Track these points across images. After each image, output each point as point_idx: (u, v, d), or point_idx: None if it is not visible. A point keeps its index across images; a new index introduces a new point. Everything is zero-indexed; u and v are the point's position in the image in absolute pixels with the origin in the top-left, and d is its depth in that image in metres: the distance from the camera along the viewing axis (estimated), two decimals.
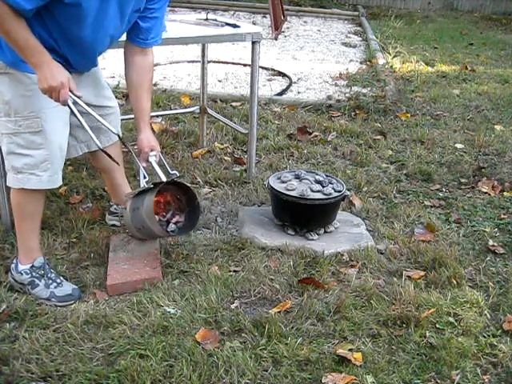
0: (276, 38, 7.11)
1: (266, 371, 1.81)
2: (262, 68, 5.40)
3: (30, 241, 2.13)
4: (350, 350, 1.90)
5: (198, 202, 2.37)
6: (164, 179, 2.22)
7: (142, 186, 2.25)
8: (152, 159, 2.21)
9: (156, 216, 2.25)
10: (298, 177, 2.69)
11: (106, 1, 1.88)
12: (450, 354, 1.90)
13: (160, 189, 2.24)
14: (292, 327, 2.00)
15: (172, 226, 2.33)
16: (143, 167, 2.24)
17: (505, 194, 3.14)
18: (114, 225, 2.57)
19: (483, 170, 3.41)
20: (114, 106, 2.32)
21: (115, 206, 2.55)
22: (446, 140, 3.91)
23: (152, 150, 2.21)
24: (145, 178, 2.26)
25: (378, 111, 4.37)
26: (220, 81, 5.15)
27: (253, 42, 2.84)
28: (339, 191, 2.58)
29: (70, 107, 1.91)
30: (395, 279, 2.30)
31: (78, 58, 1.98)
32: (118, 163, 2.17)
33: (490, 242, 2.62)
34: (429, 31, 8.42)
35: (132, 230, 2.36)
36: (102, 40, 1.99)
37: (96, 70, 2.19)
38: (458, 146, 3.82)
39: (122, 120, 3.56)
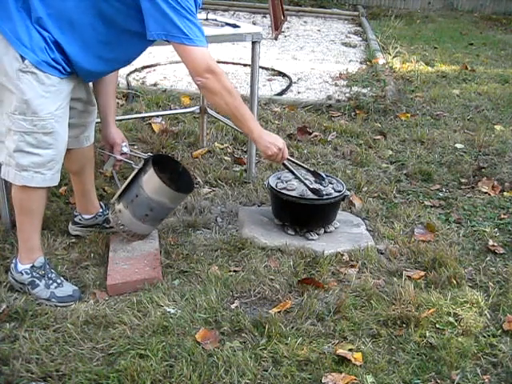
0: (276, 38, 7.10)
1: (266, 371, 1.81)
2: (262, 68, 5.39)
3: (32, 240, 2.12)
4: (350, 350, 1.90)
5: (183, 168, 2.46)
6: (145, 156, 2.34)
7: (118, 184, 2.35)
8: (125, 149, 2.34)
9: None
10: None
11: None
12: (450, 353, 1.90)
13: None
14: (292, 327, 2.00)
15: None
16: (117, 165, 2.37)
17: (505, 193, 3.14)
18: (77, 235, 2.50)
19: (483, 169, 3.41)
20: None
21: (80, 217, 2.48)
22: (446, 140, 3.90)
23: (123, 141, 2.33)
24: (129, 162, 2.37)
25: (378, 111, 4.36)
26: None
27: (253, 42, 2.84)
28: (339, 191, 2.58)
29: (285, 164, 2.36)
30: (395, 279, 2.30)
31: (102, 72, 2.11)
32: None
33: (490, 242, 2.62)
34: (429, 31, 8.41)
35: (135, 227, 2.33)
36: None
37: None
38: (458, 145, 3.81)
39: (122, 120, 3.61)
